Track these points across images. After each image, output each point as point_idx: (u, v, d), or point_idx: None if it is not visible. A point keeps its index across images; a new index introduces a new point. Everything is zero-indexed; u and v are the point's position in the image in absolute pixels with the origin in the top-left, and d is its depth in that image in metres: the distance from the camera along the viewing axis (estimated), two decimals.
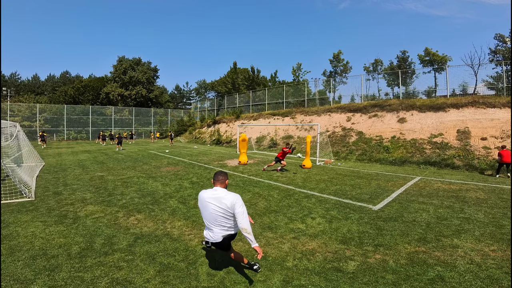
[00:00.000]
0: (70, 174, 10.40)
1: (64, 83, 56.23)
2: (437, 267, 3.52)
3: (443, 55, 22.51)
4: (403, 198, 7.04)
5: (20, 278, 3.21)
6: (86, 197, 7.01)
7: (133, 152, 19.83)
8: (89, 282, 3.16)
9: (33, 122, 35.08)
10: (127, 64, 46.02)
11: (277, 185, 8.64)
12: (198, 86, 65.12)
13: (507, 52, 21.07)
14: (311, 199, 6.90)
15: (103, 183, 8.75)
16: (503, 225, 5.04)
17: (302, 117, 23.04)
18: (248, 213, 3.16)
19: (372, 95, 24.35)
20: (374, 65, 28.02)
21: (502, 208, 6.13)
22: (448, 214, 5.75)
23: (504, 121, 13.25)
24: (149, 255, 3.84)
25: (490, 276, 3.30)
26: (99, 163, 13.63)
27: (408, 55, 26.66)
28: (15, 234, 4.52)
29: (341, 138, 18.37)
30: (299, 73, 33.45)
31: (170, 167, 12.32)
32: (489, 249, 4.07)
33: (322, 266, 3.58)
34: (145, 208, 6.04)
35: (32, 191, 7.22)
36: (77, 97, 44.68)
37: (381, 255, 3.88)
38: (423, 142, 14.67)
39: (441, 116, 15.60)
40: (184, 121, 40.80)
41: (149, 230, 4.76)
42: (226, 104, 35.54)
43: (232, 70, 43.44)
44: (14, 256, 3.75)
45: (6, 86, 45.25)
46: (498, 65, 19.63)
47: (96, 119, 39.36)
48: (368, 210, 6.03)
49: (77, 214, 5.63)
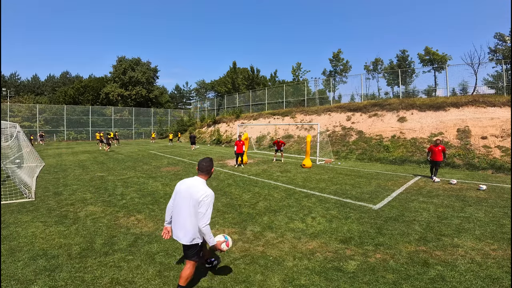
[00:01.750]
0: (70, 174, 10.40)
1: (64, 83, 56.22)
2: (438, 267, 3.52)
3: (443, 54, 22.48)
4: (404, 198, 7.04)
5: (20, 278, 3.21)
6: (86, 197, 7.01)
7: (133, 152, 19.82)
8: (89, 282, 3.16)
9: (33, 122, 35.07)
10: (126, 64, 46.00)
11: (277, 184, 8.64)
12: (198, 86, 65.09)
13: (507, 51, 21.04)
14: (311, 199, 6.90)
15: (103, 183, 8.75)
16: (504, 224, 5.04)
17: (302, 117, 23.04)
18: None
19: (372, 94, 24.34)
20: (374, 64, 27.98)
21: (502, 207, 6.12)
22: (449, 213, 5.75)
23: (504, 120, 13.23)
24: (149, 255, 3.84)
25: (490, 275, 3.29)
26: (99, 163, 13.63)
27: (408, 54, 26.64)
28: (15, 235, 4.52)
29: (341, 137, 18.36)
30: (299, 73, 33.42)
31: (170, 167, 12.32)
32: (489, 248, 4.06)
33: (322, 265, 3.58)
34: (145, 208, 6.03)
35: (32, 192, 7.22)
36: (77, 97, 44.68)
37: (381, 254, 3.87)
38: (423, 141, 14.66)
39: (441, 115, 15.59)
40: (184, 121, 40.81)
41: (149, 230, 4.76)
42: (226, 104, 35.53)
43: (232, 70, 43.39)
44: (14, 256, 3.75)
45: (6, 87, 45.31)
46: (498, 64, 19.60)
47: (96, 119, 39.35)
48: (369, 209, 6.03)
49: (77, 214, 5.63)
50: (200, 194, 2.71)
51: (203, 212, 2.67)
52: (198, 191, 2.74)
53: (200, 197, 2.69)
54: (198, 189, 2.76)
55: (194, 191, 2.76)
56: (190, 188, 2.80)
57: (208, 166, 2.94)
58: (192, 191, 2.76)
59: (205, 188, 2.79)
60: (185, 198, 2.79)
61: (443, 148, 9.34)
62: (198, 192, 2.73)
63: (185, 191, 2.83)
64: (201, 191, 2.74)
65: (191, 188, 2.80)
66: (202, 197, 2.70)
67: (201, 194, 2.71)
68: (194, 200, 2.72)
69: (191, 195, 2.75)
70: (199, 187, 2.79)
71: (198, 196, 2.70)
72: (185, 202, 2.79)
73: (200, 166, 2.93)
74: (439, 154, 9.30)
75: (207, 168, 2.93)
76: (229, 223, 5.12)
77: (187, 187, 2.83)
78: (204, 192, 2.73)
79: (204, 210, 2.67)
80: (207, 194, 2.73)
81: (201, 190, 2.75)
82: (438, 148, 9.30)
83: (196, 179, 2.90)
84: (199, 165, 2.93)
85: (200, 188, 2.77)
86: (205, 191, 2.75)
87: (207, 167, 2.93)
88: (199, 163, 2.94)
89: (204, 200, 2.69)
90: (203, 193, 2.73)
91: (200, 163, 2.94)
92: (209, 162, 2.97)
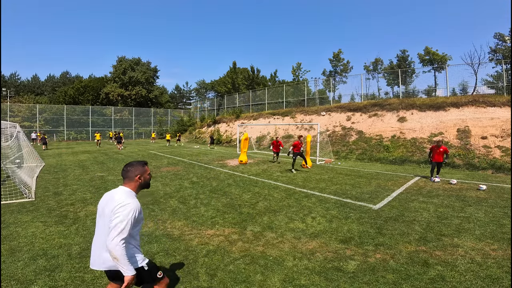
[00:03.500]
0: (70, 174, 10.40)
1: (64, 83, 56.19)
2: (438, 267, 3.52)
3: (443, 54, 22.49)
4: (404, 197, 7.04)
5: (20, 279, 3.21)
6: (86, 197, 7.01)
7: (133, 152, 19.83)
8: (89, 282, 3.16)
9: (33, 122, 35.09)
10: (126, 64, 46.01)
11: (277, 184, 8.64)
12: (198, 86, 65.11)
13: (507, 51, 21.04)
14: (311, 199, 6.90)
15: (103, 183, 8.75)
16: (504, 224, 5.04)
17: (302, 117, 23.04)
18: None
19: (372, 94, 24.33)
20: (374, 64, 27.99)
21: (502, 207, 6.12)
22: (449, 213, 5.75)
23: (504, 120, 13.23)
24: (149, 255, 3.84)
25: (490, 275, 3.29)
26: (99, 163, 13.63)
27: (408, 54, 26.66)
28: (15, 235, 4.52)
29: (341, 137, 18.36)
30: (299, 73, 33.44)
31: (170, 167, 12.32)
32: (489, 248, 4.06)
33: (322, 265, 3.58)
34: (145, 208, 6.03)
35: (32, 192, 7.22)
36: (77, 97, 44.68)
37: (381, 254, 3.87)
38: (423, 141, 14.66)
39: (441, 115, 15.60)
40: (184, 121, 40.83)
41: (149, 230, 4.76)
42: (226, 104, 35.53)
43: (232, 70, 43.39)
44: (14, 256, 3.75)
45: (6, 87, 45.29)
46: (498, 64, 19.60)
47: (96, 119, 39.38)
48: (369, 209, 6.03)
49: (78, 214, 5.63)
50: (116, 200, 2.09)
51: (115, 224, 1.97)
52: (115, 198, 2.12)
53: (117, 204, 2.06)
54: (117, 196, 2.13)
55: (112, 197, 2.16)
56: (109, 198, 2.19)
57: (132, 173, 2.24)
58: (110, 199, 2.16)
59: (127, 196, 2.13)
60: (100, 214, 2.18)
61: (445, 149, 9.30)
62: (115, 199, 2.11)
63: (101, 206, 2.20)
64: (119, 197, 2.11)
65: (110, 197, 2.18)
66: (120, 204, 2.05)
67: (118, 200, 2.09)
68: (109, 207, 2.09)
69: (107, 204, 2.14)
70: (120, 194, 2.15)
71: (115, 203, 2.08)
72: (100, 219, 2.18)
73: (123, 172, 2.27)
74: (441, 155, 9.29)
75: (130, 175, 2.24)
76: (229, 223, 5.12)
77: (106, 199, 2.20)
78: (123, 199, 2.09)
79: (116, 221, 1.98)
80: (125, 201, 2.07)
81: (120, 196, 2.12)
82: (440, 150, 9.28)
83: (119, 188, 2.24)
84: (122, 171, 2.28)
85: (121, 194, 2.14)
86: (124, 197, 2.10)
87: (129, 174, 2.24)
88: (123, 169, 2.29)
89: (119, 210, 2.02)
90: (122, 199, 2.09)
91: (124, 169, 2.27)
92: (137, 168, 2.26)
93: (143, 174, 2.28)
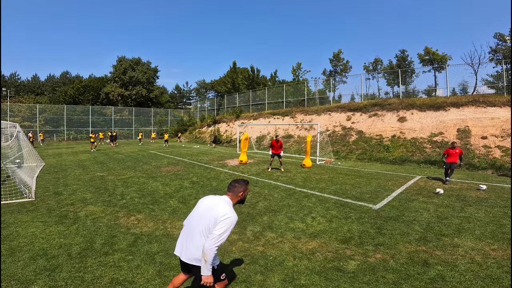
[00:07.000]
0: (70, 174, 10.40)
1: (64, 83, 56.19)
2: (438, 267, 3.52)
3: (443, 54, 22.49)
4: (404, 197, 7.04)
5: (20, 278, 3.21)
6: (86, 197, 7.01)
7: (133, 152, 19.82)
8: (89, 282, 3.16)
9: (33, 122, 35.08)
10: (127, 64, 45.97)
11: (277, 184, 8.64)
12: (198, 86, 65.09)
13: (507, 51, 21.04)
14: (311, 199, 6.90)
15: (103, 183, 8.75)
16: (504, 224, 5.04)
17: (302, 117, 23.04)
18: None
19: (372, 94, 24.34)
20: (374, 64, 28.01)
21: (502, 207, 6.12)
22: (449, 213, 5.75)
23: (504, 120, 13.23)
24: (149, 255, 3.84)
25: (490, 275, 3.29)
26: (99, 163, 13.63)
27: (407, 54, 26.68)
28: (15, 235, 4.52)
29: (341, 137, 18.36)
30: (299, 73, 33.45)
31: (170, 167, 12.32)
32: (489, 248, 4.06)
33: (322, 265, 3.58)
34: (145, 208, 6.04)
35: (33, 192, 7.22)
36: (77, 97, 44.68)
37: (381, 254, 3.87)
38: (423, 141, 14.66)
39: (441, 115, 15.59)
40: (184, 121, 40.83)
41: (149, 230, 4.76)
42: (226, 104, 35.53)
43: (232, 69, 43.37)
44: (14, 256, 3.75)
45: (6, 87, 45.34)
46: (498, 64, 19.60)
47: (97, 119, 39.37)
48: (369, 209, 6.03)
49: (77, 214, 5.63)
50: (221, 211, 2.33)
51: (218, 235, 2.23)
52: (220, 209, 2.35)
53: (221, 215, 2.30)
54: (220, 207, 2.37)
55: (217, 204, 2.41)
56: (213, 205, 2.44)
57: (238, 189, 2.51)
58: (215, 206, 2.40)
59: (230, 208, 2.38)
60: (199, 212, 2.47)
61: (460, 151, 9.30)
62: (219, 209, 2.35)
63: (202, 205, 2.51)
64: (223, 209, 2.34)
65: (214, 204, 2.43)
66: (224, 216, 2.29)
67: (222, 211, 2.32)
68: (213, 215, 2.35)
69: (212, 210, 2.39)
70: (223, 204, 2.41)
71: (219, 213, 2.31)
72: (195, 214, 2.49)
73: (230, 186, 2.56)
74: (456, 156, 9.32)
75: (235, 190, 2.51)
76: None
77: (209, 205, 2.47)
78: (227, 211, 2.32)
79: (219, 232, 2.23)
80: (228, 214, 2.31)
81: (225, 207, 2.36)
82: (455, 151, 9.31)
83: (223, 197, 2.51)
84: (229, 186, 2.57)
85: (224, 205, 2.40)
86: (229, 210, 2.34)
87: (235, 190, 2.52)
88: (230, 184, 2.58)
89: (224, 221, 2.27)
90: (226, 210, 2.33)
91: (231, 184, 2.57)
92: (242, 185, 2.54)
93: (244, 192, 2.58)
